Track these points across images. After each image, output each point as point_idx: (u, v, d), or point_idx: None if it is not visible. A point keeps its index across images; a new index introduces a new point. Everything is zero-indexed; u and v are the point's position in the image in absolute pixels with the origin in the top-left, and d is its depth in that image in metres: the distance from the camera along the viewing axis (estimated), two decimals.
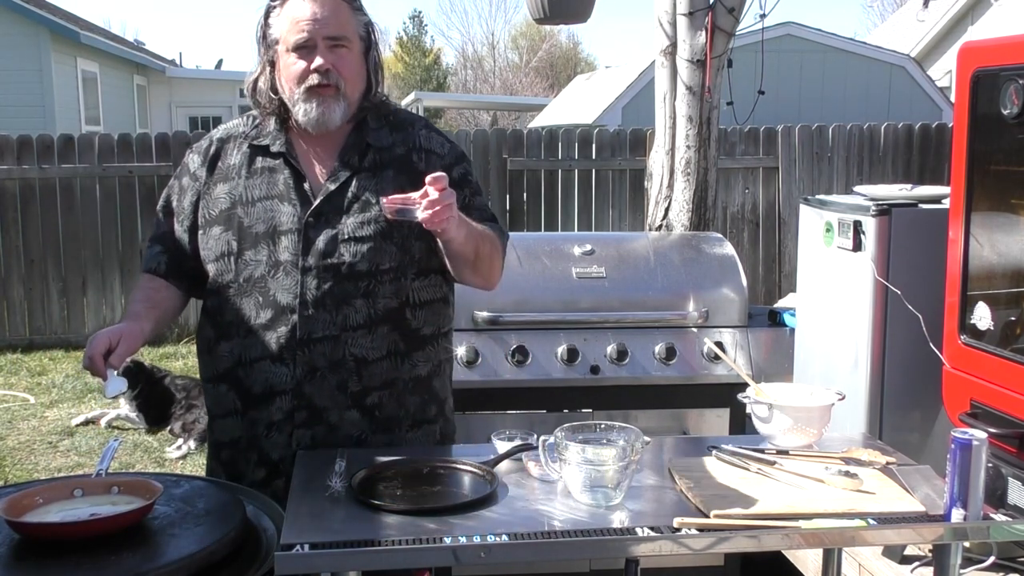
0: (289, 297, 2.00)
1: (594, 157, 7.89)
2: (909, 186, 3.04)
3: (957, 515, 1.64)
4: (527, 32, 38.82)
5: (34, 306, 7.59)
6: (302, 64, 1.98)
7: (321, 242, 2.01)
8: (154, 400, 5.57)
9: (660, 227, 4.06)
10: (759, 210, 8.07)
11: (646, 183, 4.77)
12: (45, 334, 7.57)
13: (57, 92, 12.84)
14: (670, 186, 4.04)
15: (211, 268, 2.08)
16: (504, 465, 1.86)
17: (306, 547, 1.52)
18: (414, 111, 21.56)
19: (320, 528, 1.61)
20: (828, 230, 2.90)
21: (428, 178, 1.82)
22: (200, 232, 2.09)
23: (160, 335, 7.58)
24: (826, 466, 1.84)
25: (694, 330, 3.31)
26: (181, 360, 7.01)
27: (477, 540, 1.55)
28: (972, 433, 1.64)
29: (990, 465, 2.07)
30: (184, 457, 5.05)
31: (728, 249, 3.52)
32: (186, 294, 2.17)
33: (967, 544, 2.04)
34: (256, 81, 2.07)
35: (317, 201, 2.03)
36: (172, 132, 7.99)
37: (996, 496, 2.18)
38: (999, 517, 1.72)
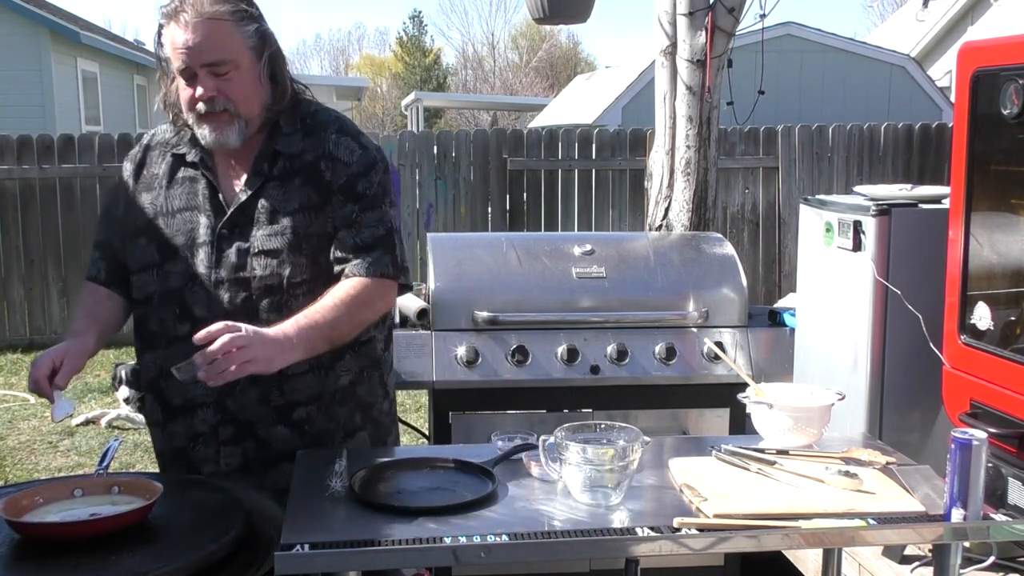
0: (205, 310, 1.96)
1: (594, 157, 7.89)
2: (909, 186, 3.04)
3: (957, 515, 1.64)
4: (527, 32, 38.83)
5: (34, 306, 7.59)
6: (189, 91, 1.93)
7: (232, 255, 1.97)
8: None
9: (660, 227, 4.06)
10: (759, 210, 8.07)
11: (646, 183, 4.77)
12: (45, 334, 7.56)
13: (57, 92, 12.83)
14: (670, 186, 4.04)
15: (135, 279, 2.05)
16: (504, 465, 1.86)
17: (306, 547, 1.52)
18: (414, 111, 21.31)
19: (320, 528, 1.61)
20: (828, 230, 2.90)
21: (200, 334, 1.71)
22: (127, 242, 2.06)
23: None
24: (826, 466, 1.84)
25: (694, 330, 3.31)
26: None
27: (477, 540, 1.55)
28: (972, 433, 1.64)
29: (990, 465, 2.07)
30: None
31: (728, 249, 3.52)
32: (129, 301, 2.12)
33: (967, 544, 2.04)
34: (166, 95, 2.03)
35: (228, 213, 1.99)
36: None
37: (996, 496, 2.18)
38: (999, 517, 1.72)
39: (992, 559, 2.12)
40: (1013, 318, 2.32)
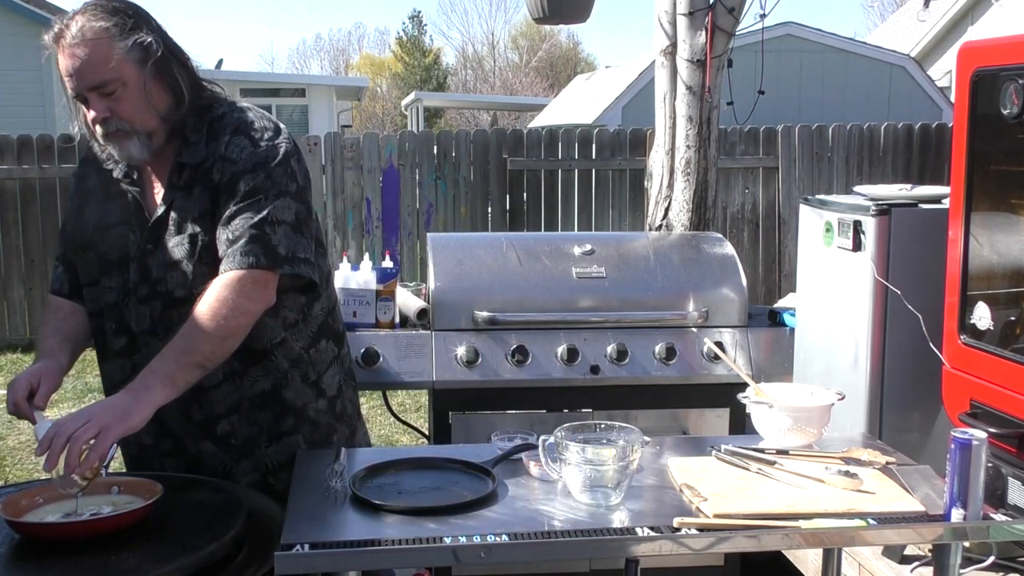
0: (135, 325, 1.98)
1: (594, 157, 7.89)
2: (909, 186, 3.04)
3: (957, 515, 1.64)
4: (527, 32, 38.85)
5: (34, 306, 7.58)
6: (89, 113, 1.92)
7: (153, 269, 1.96)
8: None
9: (660, 227, 4.06)
10: (759, 210, 8.07)
11: (646, 183, 4.77)
12: None
13: (57, 92, 12.76)
14: (670, 186, 4.04)
15: (85, 292, 2.06)
16: (504, 465, 1.86)
17: (306, 547, 1.52)
18: (414, 111, 21.31)
19: (320, 528, 1.61)
20: (828, 230, 2.90)
21: (39, 451, 1.66)
22: (76, 255, 2.07)
23: None
24: (826, 466, 1.84)
25: (694, 330, 3.31)
26: None
27: (477, 540, 1.55)
28: (972, 433, 1.64)
29: (990, 465, 2.07)
30: None
31: (728, 249, 3.52)
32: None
33: (967, 544, 2.04)
34: (81, 117, 1.99)
35: (148, 227, 1.98)
36: None
37: (996, 496, 2.18)
38: (999, 517, 1.72)
39: (992, 559, 2.12)
40: (1013, 318, 2.32)
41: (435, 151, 7.85)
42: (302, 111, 18.29)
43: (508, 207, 7.87)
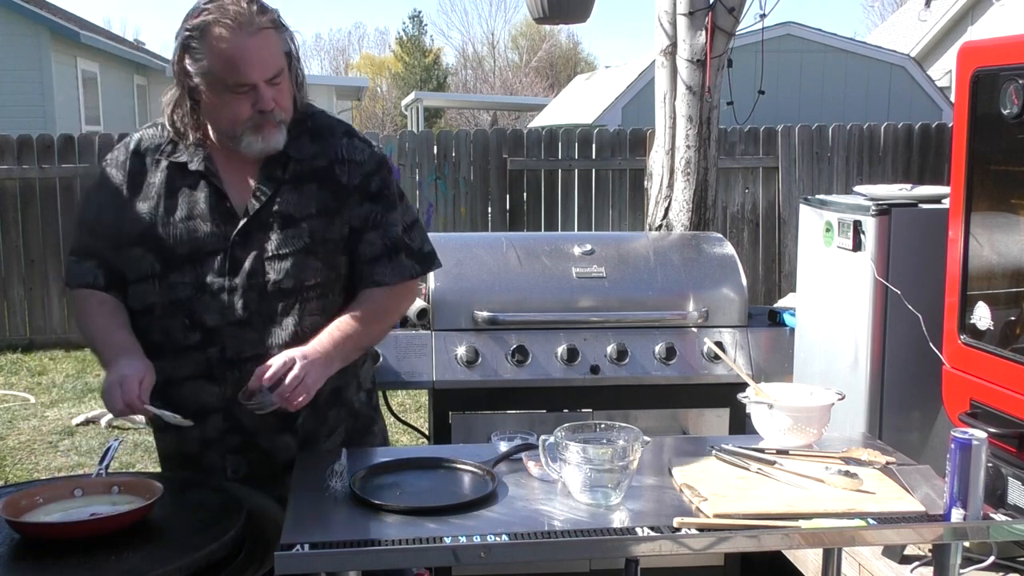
0: (217, 318, 1.96)
1: (594, 157, 7.89)
2: (909, 186, 3.04)
3: (957, 515, 1.64)
4: (527, 32, 38.84)
5: (34, 306, 7.59)
6: (242, 104, 1.90)
7: (247, 261, 1.96)
8: None
9: (660, 227, 4.06)
10: (759, 210, 8.07)
11: (646, 183, 4.77)
12: (45, 334, 7.56)
13: (57, 92, 12.83)
14: (670, 186, 4.04)
15: (134, 288, 2.02)
16: (504, 465, 1.86)
17: (306, 547, 1.52)
18: (414, 111, 21.38)
19: (320, 528, 1.61)
20: (828, 230, 2.90)
21: (276, 363, 1.84)
22: (121, 251, 2.02)
23: None
24: (826, 466, 1.84)
25: (694, 330, 3.31)
26: None
27: (477, 540, 1.55)
28: (972, 433, 1.64)
29: (990, 465, 2.07)
30: None
31: (728, 249, 3.52)
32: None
33: (967, 544, 2.04)
34: (174, 109, 1.98)
35: (243, 221, 1.97)
36: None
37: (996, 496, 2.18)
38: (999, 517, 1.72)
39: (992, 559, 2.12)
40: (1013, 318, 2.32)
41: (435, 151, 7.84)
42: None
43: (508, 207, 7.87)
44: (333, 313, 2.01)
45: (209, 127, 1.99)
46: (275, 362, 1.86)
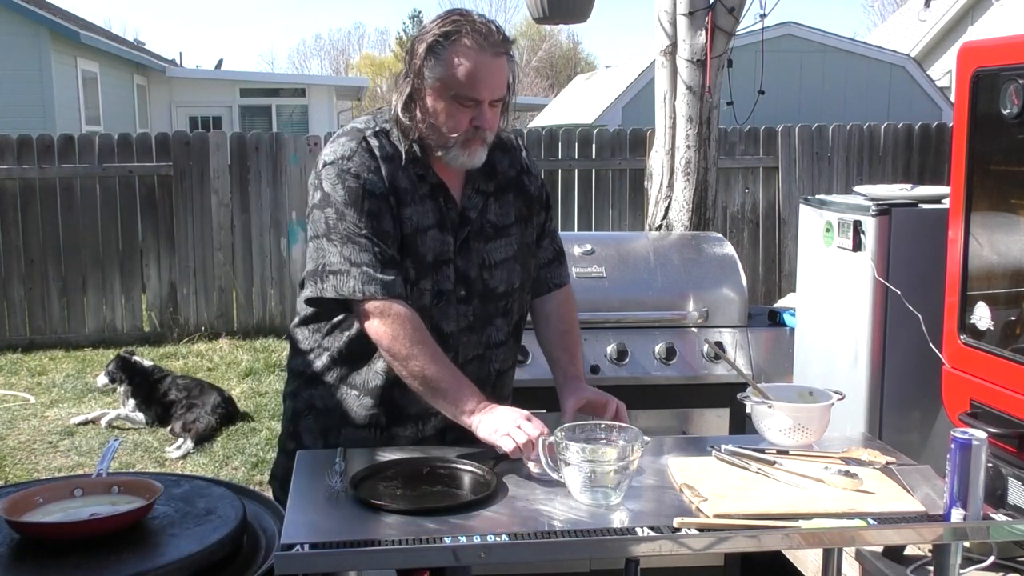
0: (452, 324, 2.04)
1: (594, 157, 7.90)
2: (909, 186, 3.04)
3: (957, 515, 1.64)
4: (527, 32, 38.79)
5: (34, 306, 7.58)
6: (463, 116, 1.95)
7: (468, 269, 2.05)
8: (155, 400, 5.58)
9: (660, 227, 4.06)
10: (759, 210, 8.07)
11: (646, 183, 4.77)
12: (45, 334, 7.56)
13: (57, 92, 12.83)
14: (670, 186, 4.04)
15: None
16: (504, 465, 1.86)
17: (306, 547, 1.52)
18: None
19: (320, 528, 1.61)
20: (828, 230, 2.90)
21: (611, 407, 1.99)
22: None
23: (160, 335, 7.59)
24: (826, 466, 1.84)
25: (694, 330, 3.31)
26: (181, 360, 7.01)
27: (477, 540, 1.55)
28: (972, 433, 1.64)
29: (990, 465, 2.07)
30: (184, 457, 5.05)
31: (728, 249, 3.52)
32: None
33: (967, 544, 2.04)
34: (405, 105, 1.99)
35: (466, 230, 2.05)
36: (172, 132, 8.00)
37: (996, 496, 2.18)
38: (999, 517, 1.72)
39: (992, 559, 2.12)
40: (1013, 318, 2.32)
41: None
42: (302, 111, 18.29)
43: None
44: (526, 311, 2.21)
45: (421, 129, 1.99)
46: (610, 406, 2.01)
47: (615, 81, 14.13)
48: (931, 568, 1.85)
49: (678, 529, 1.60)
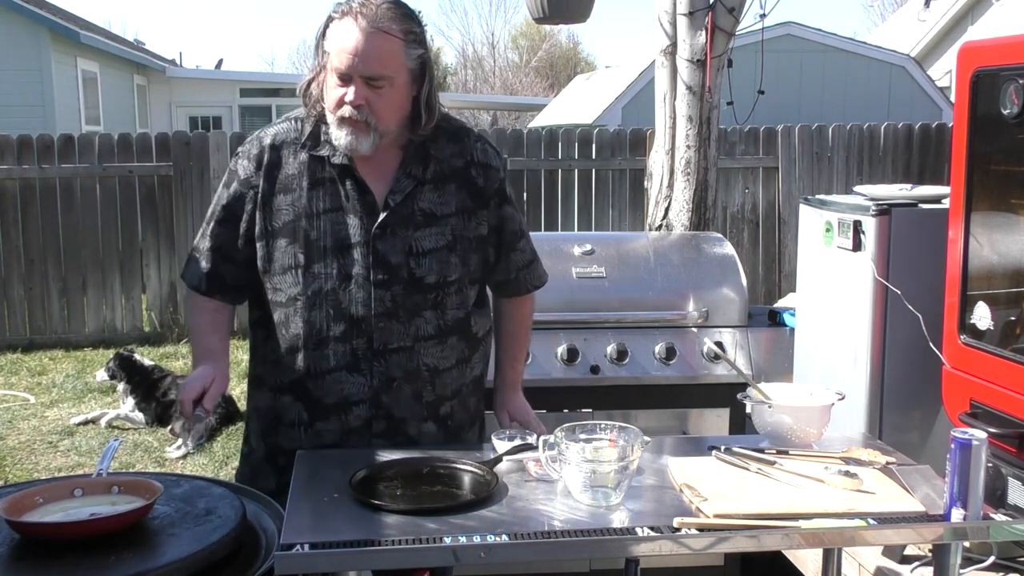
0: (363, 309, 2.00)
1: (594, 157, 7.89)
2: (909, 186, 3.04)
3: (957, 515, 1.64)
4: (527, 32, 38.80)
5: (34, 306, 7.58)
6: (339, 92, 1.94)
7: (392, 255, 2.01)
8: (154, 400, 5.58)
9: (660, 227, 4.06)
10: (759, 210, 8.07)
11: (646, 183, 4.77)
12: (45, 334, 7.56)
13: (57, 92, 12.83)
14: (670, 186, 4.04)
15: (274, 280, 2.04)
16: (504, 465, 1.86)
17: (306, 547, 1.52)
18: None
19: (320, 528, 1.61)
20: (828, 230, 2.90)
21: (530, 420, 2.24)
22: (260, 244, 2.04)
23: (160, 335, 7.59)
24: (826, 466, 1.84)
25: (694, 330, 3.31)
26: (181, 360, 7.00)
27: (477, 540, 1.55)
28: (972, 433, 1.64)
29: (990, 465, 2.07)
30: (184, 457, 5.05)
31: (728, 249, 3.52)
32: (232, 305, 2.15)
33: (967, 544, 2.04)
34: (310, 83, 2.02)
35: (384, 214, 2.01)
36: (172, 132, 7.99)
37: (996, 496, 2.18)
38: (999, 517, 1.72)
39: (992, 559, 2.12)
40: (1013, 318, 2.32)
41: None
42: None
43: None
44: (469, 307, 2.12)
45: (320, 109, 2.02)
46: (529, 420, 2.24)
47: (615, 81, 14.12)
48: (931, 568, 1.85)
49: (678, 529, 1.60)
